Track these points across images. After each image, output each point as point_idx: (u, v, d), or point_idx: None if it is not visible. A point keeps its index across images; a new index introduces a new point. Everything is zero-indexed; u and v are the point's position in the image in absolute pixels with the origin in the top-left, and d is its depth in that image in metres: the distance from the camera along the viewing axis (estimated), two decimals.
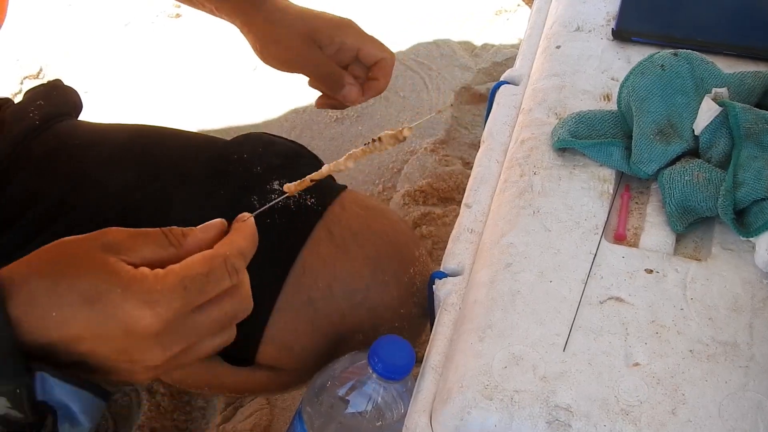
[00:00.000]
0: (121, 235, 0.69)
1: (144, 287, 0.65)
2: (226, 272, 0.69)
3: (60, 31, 2.24)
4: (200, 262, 0.68)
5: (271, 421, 1.50)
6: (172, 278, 0.66)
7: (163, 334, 0.66)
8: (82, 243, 0.68)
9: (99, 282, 0.65)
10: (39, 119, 1.10)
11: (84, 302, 0.65)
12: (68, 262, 0.67)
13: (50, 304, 0.65)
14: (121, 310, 0.65)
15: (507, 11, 2.28)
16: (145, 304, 0.65)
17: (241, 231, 0.73)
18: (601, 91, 0.98)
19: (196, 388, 1.17)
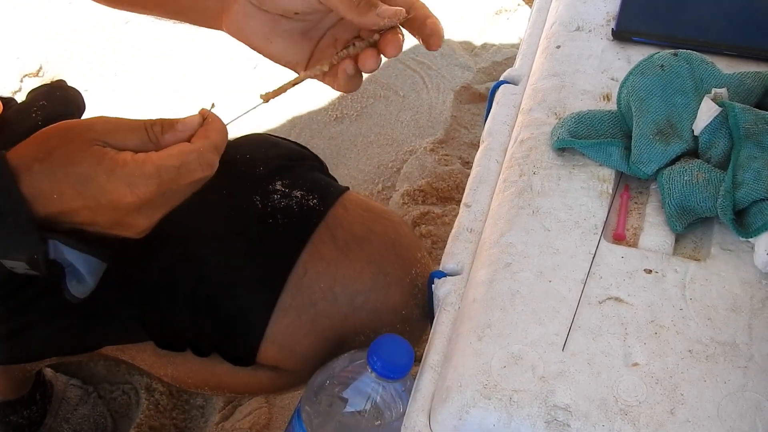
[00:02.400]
0: (110, 126, 0.80)
1: (125, 171, 0.77)
2: (198, 166, 0.79)
3: (60, 28, 2.23)
4: (174, 155, 0.78)
5: (270, 420, 1.50)
6: (149, 167, 0.77)
7: (144, 208, 0.79)
8: (75, 130, 0.80)
9: (88, 167, 0.77)
10: (42, 119, 1.09)
11: (77, 184, 0.77)
12: (63, 150, 0.79)
13: (51, 186, 0.78)
14: (106, 190, 0.77)
15: (507, 11, 2.28)
16: (125, 185, 0.77)
17: (212, 125, 0.82)
18: (600, 91, 0.98)
19: (196, 388, 1.17)
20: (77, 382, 1.50)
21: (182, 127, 0.82)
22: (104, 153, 0.78)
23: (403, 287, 1.05)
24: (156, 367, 1.15)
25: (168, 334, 1.06)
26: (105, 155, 0.78)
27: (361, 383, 0.93)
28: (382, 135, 1.99)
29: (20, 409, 1.36)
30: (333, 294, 1.02)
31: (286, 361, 1.06)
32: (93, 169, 0.77)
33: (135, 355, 1.14)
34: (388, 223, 1.08)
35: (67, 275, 0.85)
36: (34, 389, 1.38)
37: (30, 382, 1.37)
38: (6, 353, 1.06)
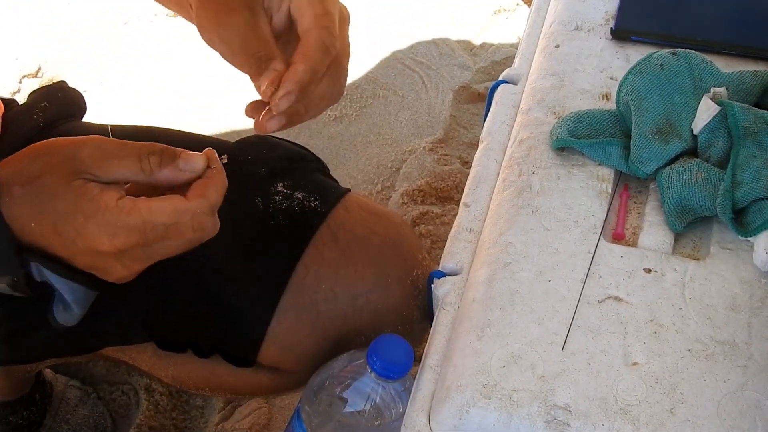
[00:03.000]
0: (97, 155, 0.73)
1: (105, 218, 0.71)
2: (190, 228, 0.73)
3: (59, 29, 2.23)
4: (167, 214, 0.72)
5: (270, 420, 1.50)
6: (135, 219, 0.71)
7: (122, 257, 0.74)
8: (61, 154, 0.73)
9: (67, 205, 0.71)
10: (43, 121, 1.10)
11: (54, 221, 0.72)
12: (46, 178, 0.72)
13: (29, 215, 0.72)
14: (83, 234, 0.71)
15: (506, 10, 2.28)
16: (104, 234, 0.71)
17: (213, 182, 0.75)
18: (599, 90, 0.98)
19: (197, 389, 1.17)
20: (77, 383, 1.50)
21: (184, 165, 0.75)
22: (85, 192, 0.72)
23: (404, 288, 1.05)
24: (156, 368, 1.15)
25: (169, 334, 1.06)
26: (85, 195, 0.71)
27: (360, 383, 0.93)
28: (381, 135, 1.99)
29: (20, 410, 1.36)
30: (334, 295, 1.02)
31: (287, 362, 1.05)
32: (71, 208, 0.71)
33: (135, 356, 1.14)
34: (390, 225, 1.08)
35: (54, 299, 0.80)
36: (33, 390, 1.38)
37: (30, 383, 1.37)
38: (6, 354, 1.06)
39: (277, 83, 0.78)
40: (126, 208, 0.71)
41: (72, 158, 0.73)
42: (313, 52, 0.79)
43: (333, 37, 0.80)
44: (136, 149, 0.74)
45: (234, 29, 0.81)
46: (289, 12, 0.83)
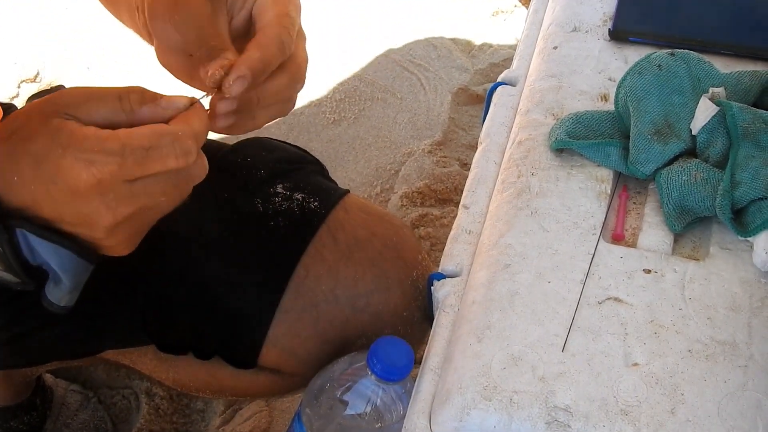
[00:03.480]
0: (77, 96, 0.70)
1: (83, 146, 0.67)
2: (172, 152, 0.69)
3: (58, 32, 2.23)
4: (146, 135, 0.68)
5: (270, 423, 1.50)
6: (112, 143, 0.67)
7: (104, 194, 0.68)
8: (40, 104, 0.71)
9: (44, 142, 0.68)
10: None
11: (34, 164, 0.68)
12: (24, 125, 0.70)
13: (11, 169, 0.69)
14: (61, 167, 0.67)
15: (504, 12, 2.28)
16: (80, 162, 0.67)
17: (196, 112, 0.73)
18: (598, 91, 0.98)
19: (197, 392, 1.17)
20: (77, 387, 1.50)
21: (165, 104, 0.73)
22: (62, 126, 0.68)
23: (405, 289, 1.05)
24: (157, 371, 1.15)
25: (169, 337, 1.06)
26: (63, 128, 0.68)
27: (361, 386, 0.93)
28: (380, 137, 1.99)
29: (20, 415, 1.36)
30: (334, 296, 1.02)
31: (288, 364, 1.06)
32: (49, 145, 0.68)
33: (136, 359, 1.14)
34: (390, 226, 1.08)
35: (48, 280, 0.76)
36: (34, 395, 1.38)
37: (30, 388, 1.37)
38: (6, 359, 1.06)
39: (227, 69, 0.74)
40: (104, 135, 0.68)
41: (50, 102, 0.70)
42: (268, 44, 0.76)
43: (290, 36, 0.78)
44: (116, 89, 0.71)
45: (191, 17, 0.77)
46: (251, 14, 0.81)
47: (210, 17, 0.78)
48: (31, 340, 1.02)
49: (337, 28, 2.19)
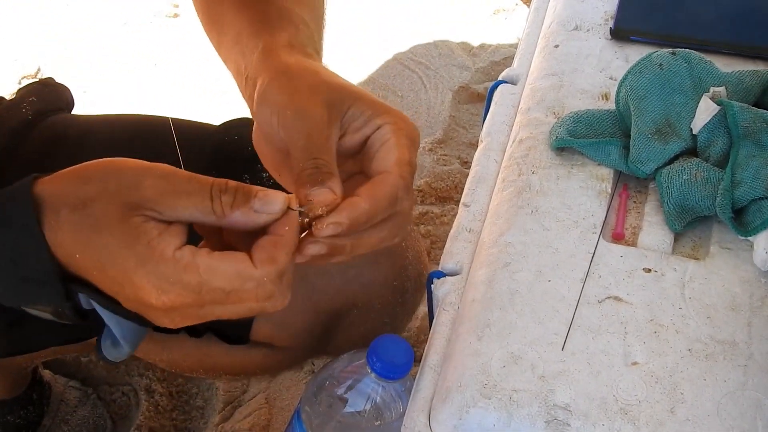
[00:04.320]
0: (163, 189, 0.63)
1: (158, 270, 0.62)
2: (253, 297, 0.64)
3: (58, 30, 2.24)
4: (228, 278, 0.62)
5: (270, 421, 1.50)
6: (191, 277, 0.62)
7: (171, 313, 0.64)
8: (119, 181, 0.64)
9: (118, 245, 0.62)
10: (32, 114, 1.10)
11: (101, 258, 0.62)
12: (98, 206, 0.63)
13: (74, 244, 0.63)
14: (131, 281, 0.62)
15: (505, 10, 2.28)
16: (154, 287, 0.62)
17: (284, 241, 0.64)
18: (599, 90, 0.98)
19: (191, 372, 1.17)
20: (76, 384, 1.50)
21: (259, 206, 0.64)
22: (141, 234, 0.62)
23: (394, 259, 1.06)
24: (151, 353, 1.15)
25: None
26: (140, 237, 0.62)
27: (360, 383, 0.93)
28: None
29: (17, 409, 1.36)
30: (324, 268, 1.02)
31: (280, 338, 1.06)
32: (123, 248, 0.62)
33: None
34: None
35: (104, 333, 0.72)
36: (30, 389, 1.38)
37: (25, 382, 1.37)
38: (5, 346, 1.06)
39: (328, 206, 0.66)
40: (183, 263, 0.62)
41: (132, 187, 0.63)
42: (381, 198, 0.68)
43: (407, 191, 0.70)
44: (208, 185, 0.64)
45: (304, 121, 0.69)
46: (367, 140, 0.73)
47: (324, 126, 0.70)
48: (25, 328, 1.02)
49: (337, 25, 2.19)
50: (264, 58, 0.76)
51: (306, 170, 0.67)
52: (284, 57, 0.75)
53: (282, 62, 0.74)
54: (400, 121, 0.72)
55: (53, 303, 0.66)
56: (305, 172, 0.67)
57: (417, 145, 0.73)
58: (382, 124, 0.71)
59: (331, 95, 0.71)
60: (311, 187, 0.66)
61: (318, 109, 0.70)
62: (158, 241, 0.62)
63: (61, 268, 0.64)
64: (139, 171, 0.64)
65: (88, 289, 0.65)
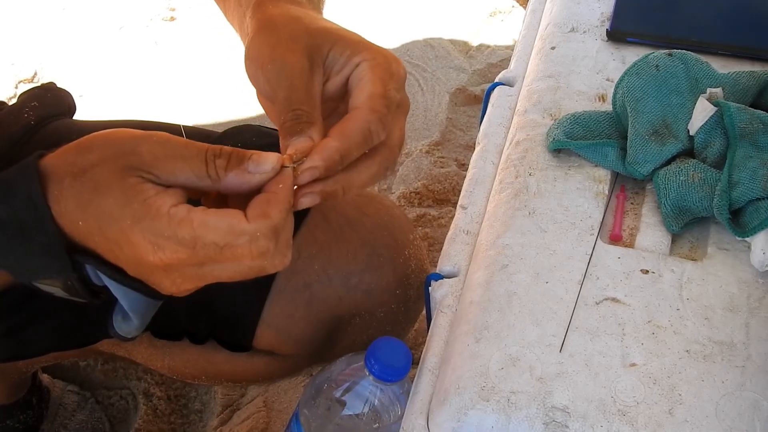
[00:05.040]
0: (159, 152, 0.65)
1: (154, 225, 0.63)
2: (248, 253, 0.64)
3: (55, 34, 2.23)
4: (221, 232, 0.63)
5: (268, 424, 1.50)
6: (184, 231, 0.63)
7: (169, 273, 0.65)
8: (118, 146, 0.65)
9: (115, 204, 0.63)
10: (34, 119, 1.10)
11: (101, 221, 0.64)
12: (98, 170, 0.64)
13: (76, 210, 0.64)
14: (128, 240, 0.63)
15: (502, 12, 2.28)
16: (149, 243, 0.63)
17: (277, 198, 0.65)
18: (596, 91, 0.98)
19: (193, 379, 1.17)
20: (75, 388, 1.50)
21: (254, 167, 0.66)
22: (138, 192, 0.63)
23: (397, 267, 1.06)
24: (152, 360, 1.15)
25: (164, 323, 1.06)
26: (137, 196, 0.63)
27: (359, 386, 0.93)
28: None
29: (16, 414, 1.36)
30: (327, 276, 1.02)
31: (283, 345, 1.06)
32: (119, 209, 0.63)
33: (131, 349, 1.14)
34: (380, 206, 1.09)
35: (115, 308, 0.72)
36: (30, 393, 1.38)
37: (26, 386, 1.37)
38: (5, 351, 1.06)
39: (305, 154, 0.67)
40: (177, 218, 0.63)
41: (130, 152, 0.64)
42: (351, 133, 0.69)
43: (381, 124, 0.70)
44: (203, 149, 0.65)
45: (284, 72, 0.70)
46: (347, 80, 0.73)
47: (304, 75, 0.71)
48: (26, 332, 1.02)
49: None
50: (254, 13, 0.77)
51: (286, 122, 0.69)
52: (270, 9, 0.76)
53: (267, 15, 0.75)
54: (379, 56, 0.72)
55: (61, 276, 0.67)
56: (286, 124, 0.69)
57: (398, 78, 0.73)
58: (360, 62, 0.72)
59: (310, 41, 0.72)
60: (290, 137, 0.68)
61: (297, 57, 0.70)
62: (154, 199, 0.63)
63: (66, 239, 0.65)
64: (137, 137, 0.66)
65: (94, 259, 0.66)
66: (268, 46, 0.72)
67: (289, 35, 0.72)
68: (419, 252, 1.10)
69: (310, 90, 0.70)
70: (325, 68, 0.73)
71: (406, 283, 1.07)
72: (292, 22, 0.74)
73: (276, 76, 0.71)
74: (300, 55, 0.71)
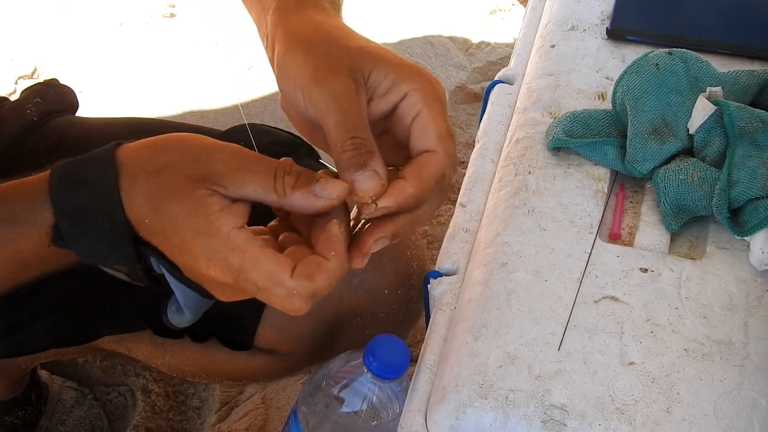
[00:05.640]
0: (230, 164, 0.66)
1: (211, 243, 0.64)
2: (279, 301, 0.65)
3: (55, 30, 2.23)
4: (262, 276, 0.64)
5: (266, 421, 1.50)
6: (236, 259, 0.64)
7: (221, 285, 0.67)
8: (194, 154, 0.67)
9: (181, 213, 0.64)
10: (37, 116, 1.10)
11: (166, 224, 0.65)
12: (171, 174, 0.66)
13: (144, 208, 0.65)
14: (188, 248, 0.65)
15: (502, 10, 2.28)
16: (204, 257, 0.64)
17: (328, 267, 0.65)
18: (595, 90, 0.98)
19: (193, 377, 1.17)
20: (73, 384, 1.50)
21: (320, 191, 0.65)
22: (204, 205, 0.64)
23: (399, 267, 1.06)
24: (153, 357, 1.15)
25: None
26: (204, 209, 0.64)
27: (357, 383, 0.93)
28: None
29: (15, 410, 1.36)
30: None
31: (284, 344, 1.06)
32: (184, 219, 0.64)
33: (132, 346, 1.14)
34: None
35: (171, 298, 0.74)
36: (28, 389, 1.38)
37: (24, 383, 1.37)
38: (4, 348, 1.06)
39: (379, 196, 0.66)
40: (233, 243, 0.64)
41: (203, 161, 0.66)
42: (428, 178, 0.68)
43: (453, 166, 0.70)
44: (273, 165, 0.66)
45: (332, 97, 0.68)
46: (395, 108, 0.71)
47: (354, 99, 0.68)
48: (28, 329, 1.02)
49: None
50: (277, 18, 0.75)
51: (346, 152, 0.67)
52: (295, 19, 0.74)
53: (294, 27, 0.73)
54: (427, 84, 0.70)
55: (126, 264, 0.69)
56: (345, 154, 0.67)
57: (446, 105, 0.72)
58: (409, 91, 0.70)
59: (351, 61, 0.70)
60: (355, 171, 0.66)
61: (344, 81, 0.68)
62: (217, 216, 0.64)
63: (133, 231, 0.67)
64: (212, 147, 0.67)
65: (157, 254, 0.68)
66: (307, 66, 0.70)
67: (329, 55, 0.70)
68: (421, 252, 1.10)
69: (362, 115, 0.68)
70: (367, 89, 0.71)
71: (408, 284, 1.07)
72: (329, 40, 0.72)
73: (323, 101, 0.68)
74: (346, 78, 0.69)
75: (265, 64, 0.94)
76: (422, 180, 0.68)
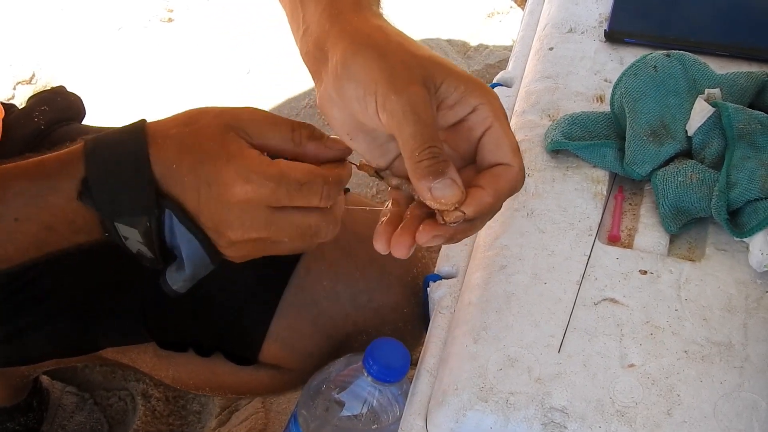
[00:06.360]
0: (256, 117, 0.74)
1: (245, 163, 0.70)
2: (319, 192, 0.71)
3: (53, 35, 2.23)
4: (303, 172, 0.71)
5: (267, 425, 1.50)
6: (273, 170, 0.70)
7: (245, 211, 0.71)
8: (223, 113, 0.74)
9: (213, 147, 0.71)
10: (44, 124, 1.10)
11: (197, 160, 0.71)
12: (201, 121, 0.73)
13: (174, 154, 0.72)
14: (220, 174, 0.70)
15: (499, 13, 2.28)
16: (240, 176, 0.70)
17: (342, 166, 0.75)
18: (594, 92, 0.98)
19: (197, 389, 1.17)
20: (73, 389, 1.50)
21: (331, 143, 0.74)
22: (235, 140, 0.72)
23: (405, 286, 1.05)
24: (157, 369, 1.15)
25: (170, 334, 1.06)
26: (234, 142, 0.71)
27: (357, 387, 0.93)
28: None
29: (17, 416, 1.36)
30: (335, 293, 1.03)
31: (288, 360, 1.06)
32: (217, 150, 0.71)
33: (136, 358, 1.14)
34: None
35: (171, 264, 0.78)
36: (31, 396, 1.38)
37: (27, 389, 1.37)
38: (6, 357, 1.06)
39: (460, 203, 0.68)
40: (267, 160, 0.71)
41: (232, 116, 0.73)
42: (504, 191, 0.70)
43: (523, 179, 0.72)
44: (290, 120, 0.75)
45: (411, 106, 0.68)
46: (462, 120, 0.72)
47: (429, 109, 0.69)
48: (30, 337, 1.02)
49: None
50: (332, 18, 0.75)
51: (423, 161, 0.68)
52: (354, 20, 0.75)
53: (355, 28, 0.74)
54: (494, 99, 0.72)
55: (145, 214, 0.73)
56: (422, 163, 0.68)
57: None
58: (477, 105, 0.71)
59: (423, 71, 0.70)
60: (433, 179, 0.68)
61: (421, 91, 0.69)
62: (248, 147, 0.72)
63: (156, 184, 0.72)
64: (238, 108, 0.75)
65: (174, 204, 0.73)
66: (382, 72, 0.69)
67: (404, 63, 0.70)
68: (427, 270, 1.09)
69: (436, 124, 0.69)
70: (438, 95, 0.71)
71: (414, 302, 1.07)
72: (401, 47, 0.72)
73: (402, 110, 0.68)
74: (422, 88, 0.69)
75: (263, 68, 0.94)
76: (499, 191, 0.70)
